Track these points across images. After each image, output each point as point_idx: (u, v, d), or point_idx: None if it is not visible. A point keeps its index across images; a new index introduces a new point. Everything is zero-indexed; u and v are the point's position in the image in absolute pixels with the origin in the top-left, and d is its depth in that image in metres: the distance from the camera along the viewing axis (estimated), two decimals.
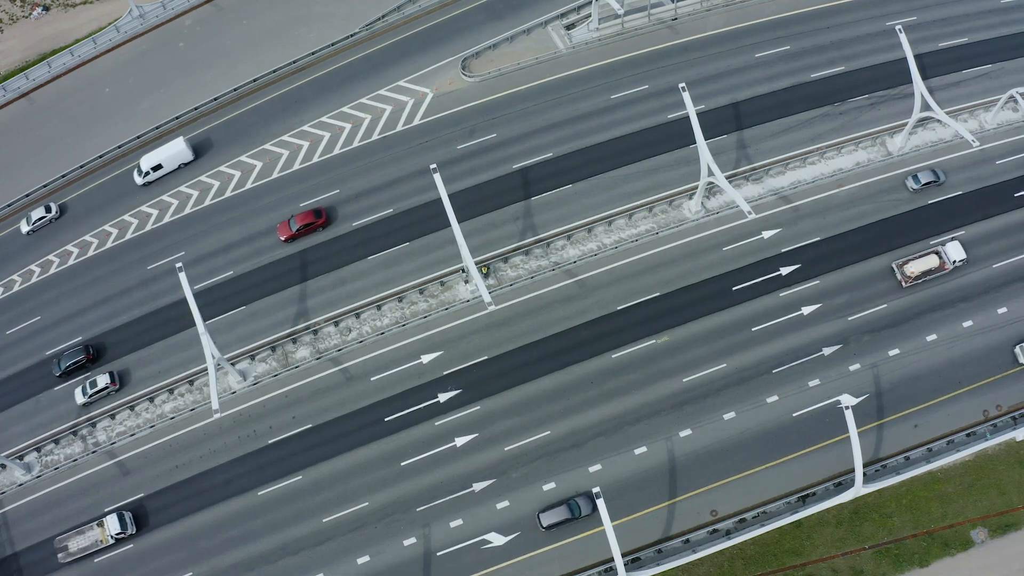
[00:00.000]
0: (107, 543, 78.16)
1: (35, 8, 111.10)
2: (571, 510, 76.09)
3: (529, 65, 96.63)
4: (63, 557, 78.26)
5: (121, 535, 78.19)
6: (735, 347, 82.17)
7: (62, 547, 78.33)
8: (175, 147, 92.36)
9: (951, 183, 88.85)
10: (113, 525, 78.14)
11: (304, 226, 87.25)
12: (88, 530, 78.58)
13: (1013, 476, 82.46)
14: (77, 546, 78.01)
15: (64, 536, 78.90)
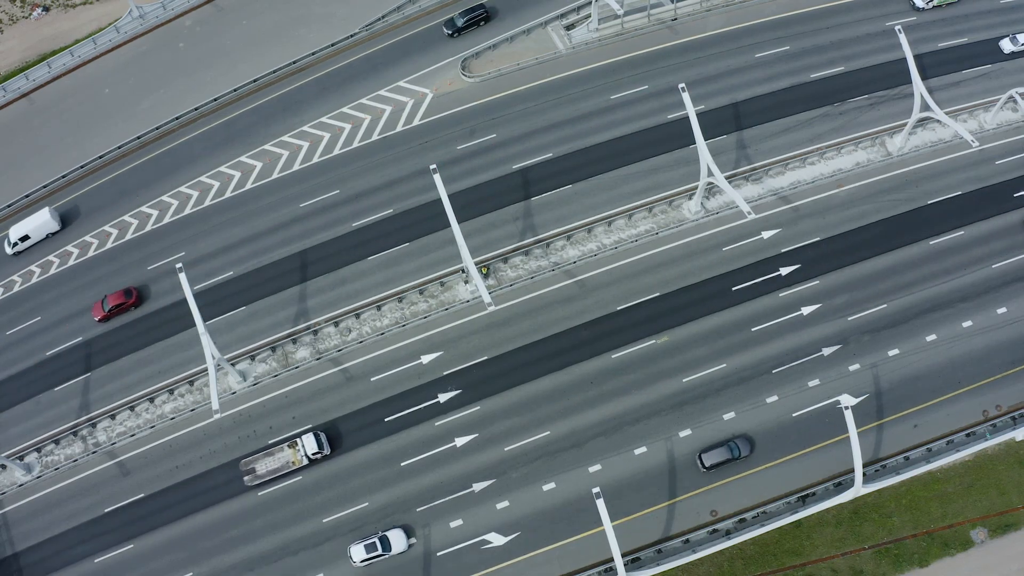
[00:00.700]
0: (299, 464, 77.90)
1: (35, 8, 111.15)
2: (731, 451, 77.05)
3: (529, 65, 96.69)
4: (250, 480, 77.79)
5: (318, 454, 78.17)
6: (735, 347, 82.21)
7: (249, 469, 77.71)
8: (40, 218, 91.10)
9: (951, 183, 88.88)
10: (310, 444, 77.73)
11: (116, 306, 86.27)
12: (278, 451, 78.00)
13: (1013, 476, 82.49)
14: (266, 468, 77.21)
15: (251, 458, 78.24)
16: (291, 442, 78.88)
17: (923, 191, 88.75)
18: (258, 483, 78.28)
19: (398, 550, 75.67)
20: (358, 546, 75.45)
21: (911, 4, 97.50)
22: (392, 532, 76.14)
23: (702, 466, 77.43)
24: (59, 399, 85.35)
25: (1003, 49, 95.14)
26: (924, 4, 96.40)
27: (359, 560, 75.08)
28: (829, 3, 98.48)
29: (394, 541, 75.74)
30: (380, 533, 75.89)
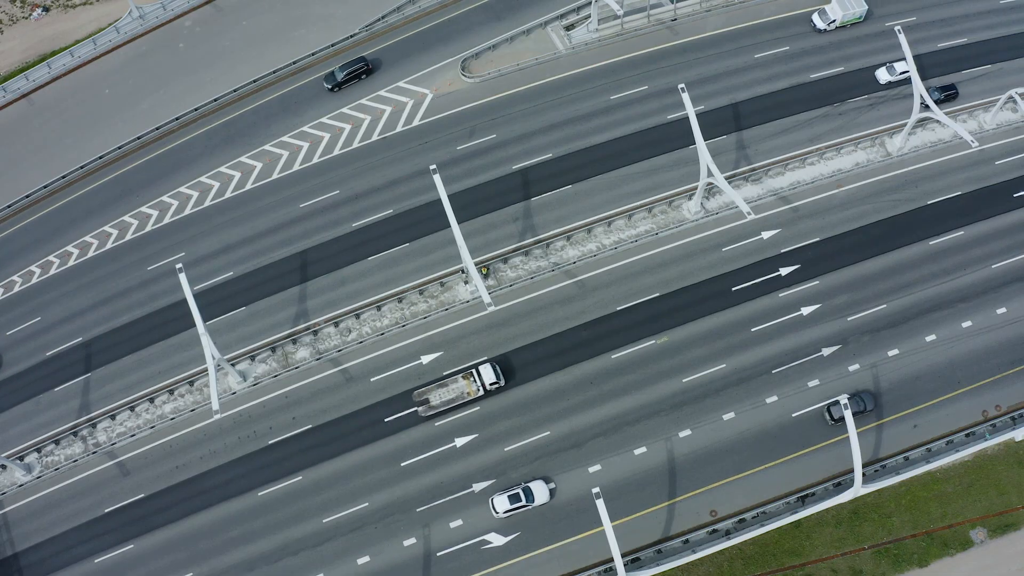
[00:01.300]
0: (474, 395, 78.74)
1: (35, 9, 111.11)
2: (859, 403, 78.40)
3: (529, 66, 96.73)
4: (424, 411, 78.69)
5: (495, 384, 79.11)
6: (734, 347, 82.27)
7: (422, 400, 78.49)
8: None
9: (950, 183, 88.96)
10: (488, 375, 78.83)
11: None
12: (452, 383, 78.90)
13: (1012, 476, 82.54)
14: (439, 399, 77.95)
15: (424, 389, 79.24)
16: (466, 373, 79.74)
17: (923, 191, 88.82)
18: (432, 414, 79.11)
19: (541, 501, 76.52)
20: (501, 497, 76.25)
21: (812, 26, 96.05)
22: (535, 483, 76.93)
23: (831, 419, 78.34)
24: (59, 399, 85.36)
25: (879, 79, 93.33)
26: (825, 26, 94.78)
27: (502, 511, 75.95)
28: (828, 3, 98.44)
29: (537, 492, 76.55)
30: (523, 484, 76.63)
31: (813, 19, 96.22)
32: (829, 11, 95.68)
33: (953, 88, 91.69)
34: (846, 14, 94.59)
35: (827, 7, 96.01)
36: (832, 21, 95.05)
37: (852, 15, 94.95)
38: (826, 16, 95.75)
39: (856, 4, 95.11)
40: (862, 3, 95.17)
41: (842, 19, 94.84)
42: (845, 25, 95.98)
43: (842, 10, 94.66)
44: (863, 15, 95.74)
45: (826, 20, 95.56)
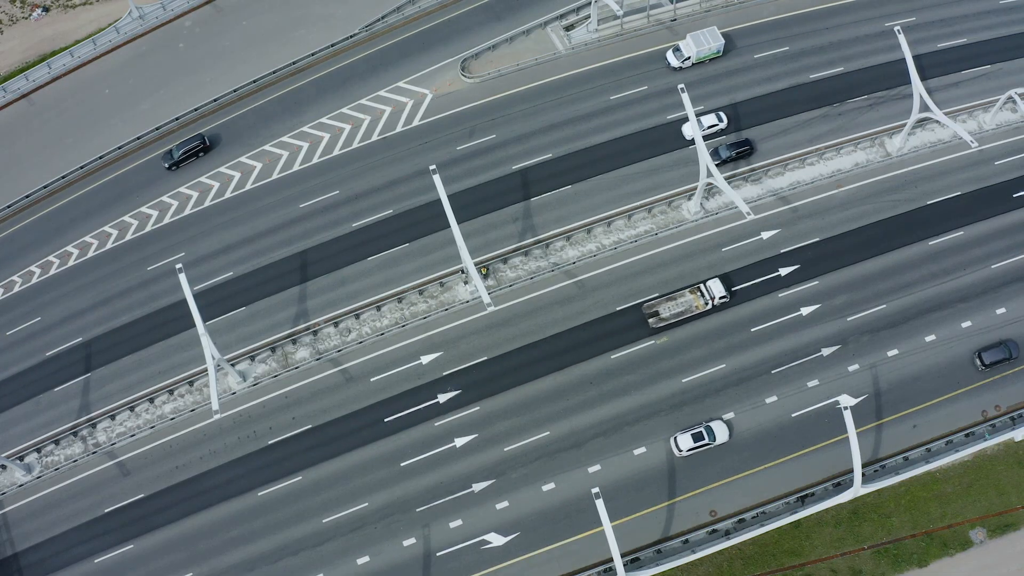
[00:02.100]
0: (702, 309, 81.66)
1: (35, 9, 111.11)
2: (1007, 351, 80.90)
3: (528, 66, 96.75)
4: (654, 323, 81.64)
5: (724, 299, 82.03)
6: (734, 348, 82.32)
7: (652, 312, 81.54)
8: None
9: (950, 183, 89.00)
10: (717, 289, 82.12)
11: None
12: (680, 296, 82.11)
13: (1012, 476, 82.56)
14: (669, 311, 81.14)
15: (653, 301, 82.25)
16: (693, 288, 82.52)
17: (922, 191, 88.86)
18: (662, 325, 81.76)
19: (721, 440, 78.06)
20: (685, 435, 78.03)
21: (667, 64, 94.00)
22: (715, 423, 78.83)
23: (982, 364, 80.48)
24: (59, 399, 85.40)
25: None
26: (680, 63, 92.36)
27: (686, 449, 77.49)
28: (828, 4, 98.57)
29: (718, 431, 78.27)
30: (704, 424, 78.49)
31: (668, 57, 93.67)
32: (683, 48, 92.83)
33: (747, 144, 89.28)
34: (700, 50, 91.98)
35: (681, 44, 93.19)
36: (687, 58, 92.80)
37: (708, 51, 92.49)
38: (680, 54, 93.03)
39: (711, 39, 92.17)
40: (718, 37, 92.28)
41: (697, 55, 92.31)
42: (703, 61, 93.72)
43: (696, 46, 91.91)
44: (720, 49, 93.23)
45: (680, 58, 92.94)
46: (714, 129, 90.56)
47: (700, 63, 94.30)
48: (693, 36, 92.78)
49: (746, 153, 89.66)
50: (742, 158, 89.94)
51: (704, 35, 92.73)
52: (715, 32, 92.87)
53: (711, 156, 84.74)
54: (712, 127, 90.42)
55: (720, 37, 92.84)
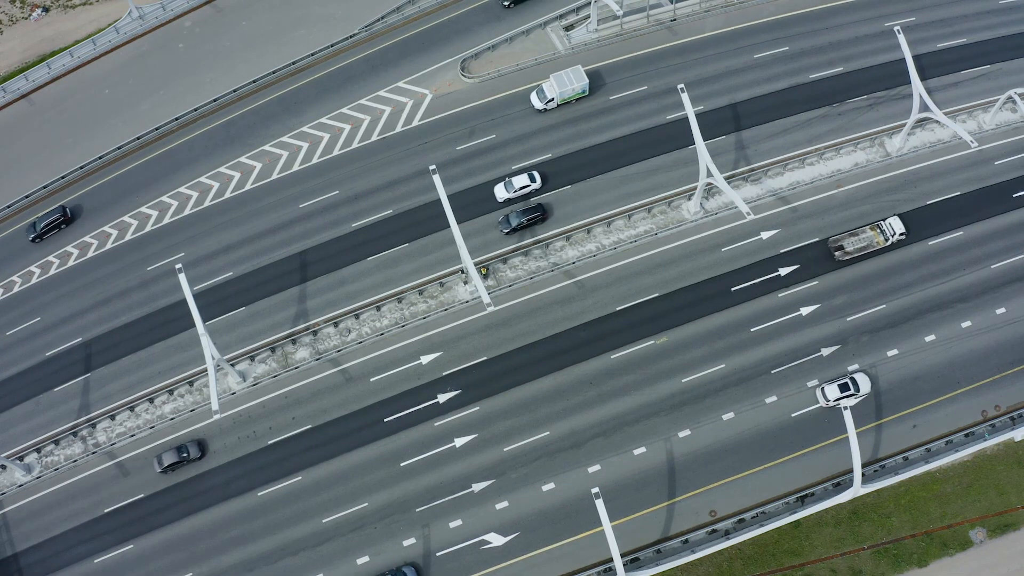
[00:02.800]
0: (881, 245, 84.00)
1: (35, 9, 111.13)
2: None
3: (528, 66, 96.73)
4: (839, 255, 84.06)
5: (903, 235, 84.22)
6: (734, 348, 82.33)
7: (837, 246, 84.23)
8: None
9: (950, 183, 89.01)
10: (897, 226, 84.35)
11: None
12: (862, 232, 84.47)
13: (1011, 476, 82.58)
14: (853, 246, 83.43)
15: (838, 236, 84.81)
16: (873, 225, 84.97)
17: (922, 191, 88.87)
18: (847, 259, 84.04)
19: (865, 391, 79.53)
20: (832, 386, 79.23)
21: (531, 107, 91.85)
22: (859, 375, 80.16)
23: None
24: (59, 399, 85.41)
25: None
26: (543, 105, 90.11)
27: (832, 399, 78.48)
28: (828, 4, 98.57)
29: (861, 382, 79.68)
30: (848, 375, 79.86)
31: (531, 98, 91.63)
32: (547, 89, 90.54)
33: (540, 211, 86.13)
34: (564, 91, 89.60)
35: (544, 84, 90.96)
36: (550, 100, 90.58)
37: (572, 91, 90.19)
38: (544, 95, 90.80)
39: (575, 79, 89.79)
40: (582, 77, 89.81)
41: (560, 96, 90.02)
42: (569, 101, 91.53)
43: (559, 87, 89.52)
44: (585, 89, 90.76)
45: (544, 99, 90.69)
46: (527, 190, 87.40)
47: (566, 103, 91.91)
48: (556, 76, 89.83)
49: (537, 220, 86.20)
50: (533, 224, 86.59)
51: (568, 75, 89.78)
52: (579, 71, 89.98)
53: (502, 223, 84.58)
54: (524, 188, 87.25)
55: (584, 77, 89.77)
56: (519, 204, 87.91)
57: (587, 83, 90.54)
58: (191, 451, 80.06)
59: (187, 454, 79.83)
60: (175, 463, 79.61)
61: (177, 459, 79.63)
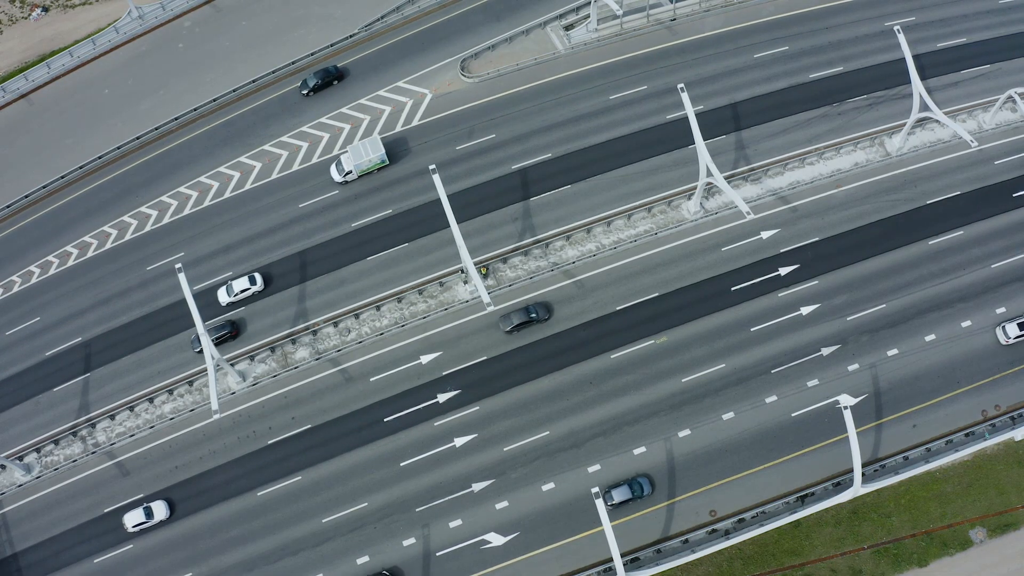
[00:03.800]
0: None
1: (34, 9, 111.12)
2: None
3: (528, 66, 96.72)
4: None
5: None
6: (734, 347, 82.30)
7: None
8: None
9: (950, 183, 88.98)
10: None
11: None
12: None
13: (1012, 476, 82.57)
14: None
15: None
16: None
17: (922, 191, 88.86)
18: None
19: None
20: (1012, 324, 79.49)
21: (331, 179, 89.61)
22: None
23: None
24: (59, 399, 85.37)
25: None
26: (342, 178, 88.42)
27: (1013, 337, 79.98)
28: (827, 3, 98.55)
29: None
30: None
31: (331, 171, 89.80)
32: (344, 161, 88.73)
33: (230, 328, 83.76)
34: (360, 163, 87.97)
35: (342, 157, 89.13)
36: (348, 172, 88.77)
37: (370, 162, 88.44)
38: (341, 167, 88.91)
39: (371, 150, 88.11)
40: (379, 147, 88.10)
41: (358, 168, 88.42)
42: (370, 171, 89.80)
43: (356, 159, 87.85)
44: (383, 159, 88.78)
45: (342, 172, 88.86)
46: (246, 293, 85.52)
47: (367, 174, 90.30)
48: (352, 148, 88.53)
49: (226, 337, 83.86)
50: (228, 340, 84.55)
51: (364, 146, 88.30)
52: (376, 142, 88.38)
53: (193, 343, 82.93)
54: (244, 291, 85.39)
55: (381, 147, 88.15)
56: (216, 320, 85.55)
57: (384, 153, 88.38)
58: (154, 513, 78.32)
59: (151, 517, 78.29)
60: (141, 523, 78.26)
61: (144, 519, 78.29)
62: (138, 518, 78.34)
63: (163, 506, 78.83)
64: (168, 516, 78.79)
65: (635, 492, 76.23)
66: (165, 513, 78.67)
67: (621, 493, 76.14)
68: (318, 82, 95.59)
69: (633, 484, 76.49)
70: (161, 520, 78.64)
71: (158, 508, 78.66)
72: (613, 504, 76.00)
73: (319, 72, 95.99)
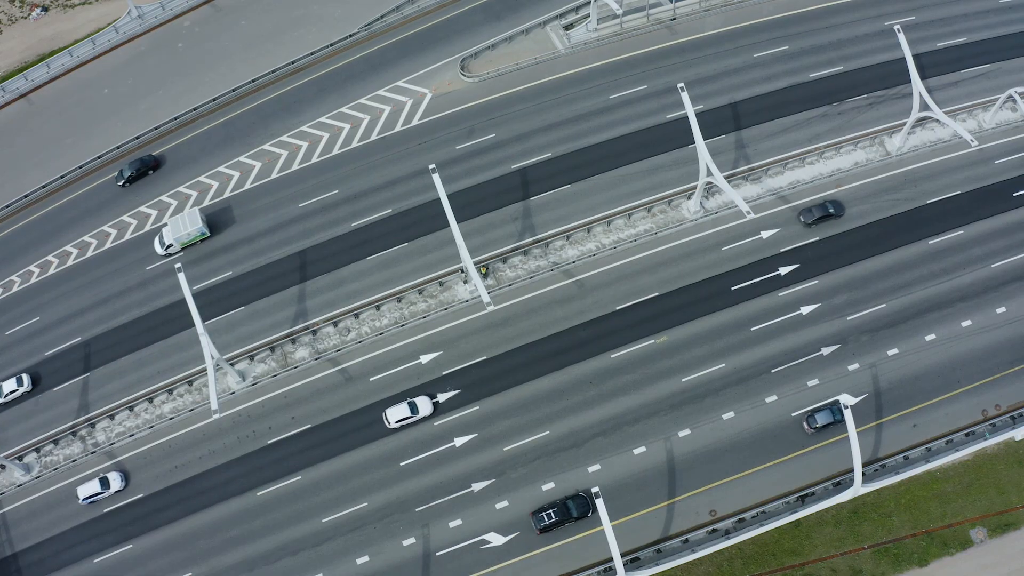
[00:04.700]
0: None
1: (34, 9, 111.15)
2: None
3: (528, 65, 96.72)
4: None
5: None
6: (734, 347, 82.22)
7: None
8: None
9: (950, 183, 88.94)
10: None
11: None
12: None
13: (1012, 475, 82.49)
14: None
15: None
16: None
17: (922, 191, 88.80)
18: None
19: None
20: None
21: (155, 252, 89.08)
22: None
23: None
24: (58, 399, 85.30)
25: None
26: (164, 251, 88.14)
27: None
28: (827, 3, 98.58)
29: None
30: None
31: (154, 245, 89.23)
32: (165, 235, 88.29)
33: None
34: (180, 236, 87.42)
35: (164, 230, 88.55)
36: (170, 245, 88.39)
37: (189, 235, 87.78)
38: (163, 240, 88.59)
39: (190, 223, 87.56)
40: (197, 220, 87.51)
41: (178, 241, 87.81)
42: (193, 243, 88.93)
43: (175, 232, 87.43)
44: (203, 231, 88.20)
45: (164, 245, 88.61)
46: (14, 395, 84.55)
47: (190, 245, 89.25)
48: (172, 221, 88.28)
49: None
50: None
51: (183, 219, 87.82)
52: (195, 215, 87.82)
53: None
54: (12, 393, 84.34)
55: (199, 220, 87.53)
56: None
57: (202, 226, 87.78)
58: (111, 484, 79.37)
59: (107, 488, 79.33)
60: (96, 494, 79.33)
61: (99, 490, 79.38)
62: (93, 489, 79.06)
63: (118, 477, 79.72)
64: (123, 487, 79.33)
65: (569, 513, 75.38)
66: (120, 484, 79.31)
67: (555, 514, 75.36)
68: (133, 172, 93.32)
69: (568, 503, 75.63)
70: (117, 491, 79.32)
71: (114, 479, 79.43)
72: (543, 526, 75.32)
73: (134, 163, 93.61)
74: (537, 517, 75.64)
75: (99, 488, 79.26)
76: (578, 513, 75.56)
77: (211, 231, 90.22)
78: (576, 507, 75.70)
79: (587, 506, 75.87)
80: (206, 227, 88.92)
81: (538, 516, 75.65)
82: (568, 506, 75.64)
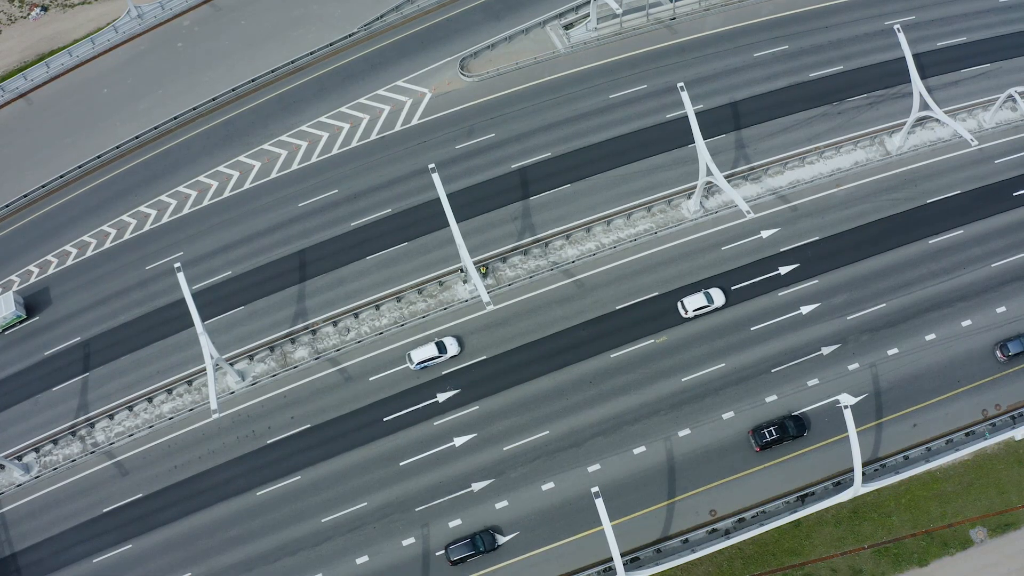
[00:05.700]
0: None
1: (33, 8, 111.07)
2: None
3: (527, 65, 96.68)
4: None
5: None
6: (734, 347, 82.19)
7: None
8: None
9: (950, 182, 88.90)
10: None
11: None
12: None
13: (1012, 475, 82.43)
14: None
15: None
16: None
17: (922, 190, 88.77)
18: None
19: None
20: None
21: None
22: None
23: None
24: (57, 399, 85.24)
25: None
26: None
27: None
28: (827, 2, 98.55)
29: None
30: None
31: None
32: None
33: None
34: None
35: None
36: None
37: (4, 319, 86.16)
38: None
39: (5, 307, 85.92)
40: (11, 305, 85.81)
41: None
42: (11, 326, 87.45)
43: None
44: (17, 315, 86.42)
45: None
46: None
47: (8, 328, 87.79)
48: None
49: None
50: None
51: None
52: (8, 299, 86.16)
53: None
54: None
55: (12, 305, 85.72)
56: None
57: (16, 311, 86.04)
58: None
59: None
60: None
61: None
62: (429, 353, 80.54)
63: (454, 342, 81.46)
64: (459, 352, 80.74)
65: (478, 547, 74.97)
66: (456, 349, 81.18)
67: (463, 549, 74.86)
68: None
69: (476, 539, 75.11)
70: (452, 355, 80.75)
71: (450, 344, 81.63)
72: (453, 561, 74.82)
73: None
74: (452, 549, 75.04)
75: (435, 352, 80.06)
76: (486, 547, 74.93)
77: (212, 231, 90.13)
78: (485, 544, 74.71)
79: None
80: (22, 310, 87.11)
81: (452, 548, 75.07)
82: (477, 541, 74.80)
